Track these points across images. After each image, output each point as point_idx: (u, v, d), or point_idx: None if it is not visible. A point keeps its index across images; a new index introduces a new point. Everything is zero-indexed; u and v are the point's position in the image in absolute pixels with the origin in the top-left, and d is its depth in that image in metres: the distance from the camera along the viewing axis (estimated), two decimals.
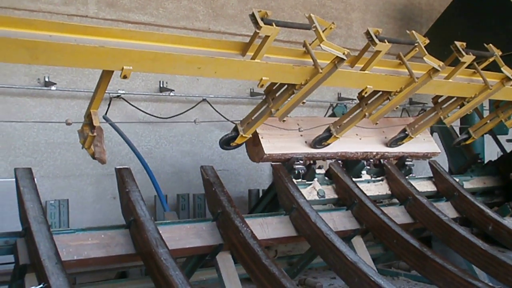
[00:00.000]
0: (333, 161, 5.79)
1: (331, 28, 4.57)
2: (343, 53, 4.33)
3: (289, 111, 4.85)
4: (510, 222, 5.64)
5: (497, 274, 4.71)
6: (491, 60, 5.70)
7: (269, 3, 8.55)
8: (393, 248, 4.98)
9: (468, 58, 5.25)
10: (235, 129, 5.10)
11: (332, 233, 4.58)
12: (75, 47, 3.45)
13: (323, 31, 4.35)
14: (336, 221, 5.13)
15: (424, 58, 4.96)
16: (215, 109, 7.63)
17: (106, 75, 3.87)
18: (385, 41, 4.63)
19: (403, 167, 6.26)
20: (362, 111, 5.37)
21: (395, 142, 6.13)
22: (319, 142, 5.57)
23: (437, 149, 6.54)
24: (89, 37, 3.63)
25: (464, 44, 5.30)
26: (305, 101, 4.74)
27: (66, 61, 3.58)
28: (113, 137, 7.01)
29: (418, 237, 5.31)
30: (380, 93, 5.25)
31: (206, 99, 7.74)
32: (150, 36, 3.93)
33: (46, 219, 3.81)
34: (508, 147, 7.92)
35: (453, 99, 5.97)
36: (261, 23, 3.99)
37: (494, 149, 8.06)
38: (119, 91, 7.02)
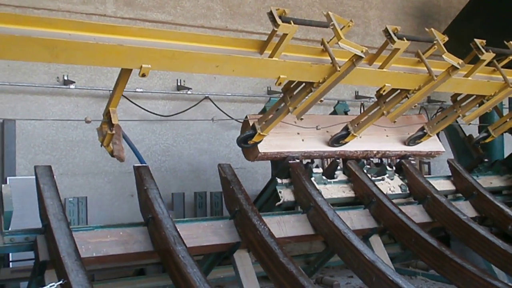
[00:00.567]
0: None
1: (349, 26, 4.56)
2: (362, 51, 4.31)
3: (306, 109, 4.85)
4: None
5: None
6: (511, 57, 5.64)
7: (286, 1, 8.53)
8: (411, 247, 4.95)
9: (488, 56, 5.20)
10: (253, 127, 5.10)
11: (350, 231, 4.56)
12: (94, 45, 3.48)
13: (341, 29, 4.33)
14: (353, 220, 5.11)
15: (443, 56, 4.92)
16: (218, 107, 7.56)
17: (124, 74, 3.90)
18: (404, 38, 4.60)
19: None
20: (380, 110, 5.35)
21: (413, 141, 6.08)
22: (336, 140, 5.54)
23: (441, 148, 6.40)
24: (108, 35, 3.67)
25: (484, 41, 5.25)
26: (322, 99, 4.74)
27: (86, 60, 3.62)
28: (131, 135, 7.06)
29: (436, 236, 5.27)
30: (398, 91, 5.22)
31: (207, 97, 7.64)
32: (168, 34, 3.95)
33: (66, 216, 3.84)
34: None
35: (472, 97, 5.92)
36: (279, 21, 4.00)
37: None
38: (137, 90, 7.06)
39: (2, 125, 6.31)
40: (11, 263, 5.38)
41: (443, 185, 6.27)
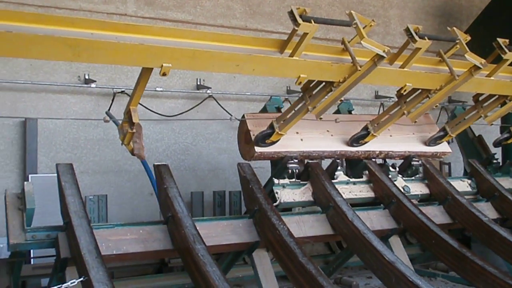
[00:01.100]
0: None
1: (371, 26, 4.54)
2: (383, 51, 4.29)
3: (326, 109, 4.83)
4: None
5: None
6: None
7: (306, 0, 8.51)
8: (431, 248, 4.92)
9: (511, 55, 5.13)
10: (271, 126, 5.09)
11: (369, 232, 4.54)
12: (116, 44, 3.50)
13: (363, 28, 4.31)
14: (373, 220, 5.08)
15: (465, 55, 4.87)
16: (222, 105, 7.53)
17: (145, 73, 3.92)
18: (425, 38, 4.57)
19: (409, 167, 5.89)
20: (400, 109, 5.31)
21: (434, 141, 6.03)
22: (356, 140, 5.51)
23: (447, 148, 6.24)
24: (130, 34, 3.69)
25: (507, 41, 5.19)
26: (342, 99, 4.71)
27: (107, 59, 3.65)
28: (150, 134, 7.10)
29: (456, 237, 5.22)
30: (420, 91, 5.18)
31: (215, 96, 7.62)
32: (189, 33, 3.96)
33: (87, 213, 3.88)
34: None
35: (495, 97, 5.84)
36: (299, 20, 3.99)
37: None
38: (157, 89, 7.10)
39: (24, 123, 6.40)
40: (32, 260, 5.43)
41: (463, 186, 6.20)
